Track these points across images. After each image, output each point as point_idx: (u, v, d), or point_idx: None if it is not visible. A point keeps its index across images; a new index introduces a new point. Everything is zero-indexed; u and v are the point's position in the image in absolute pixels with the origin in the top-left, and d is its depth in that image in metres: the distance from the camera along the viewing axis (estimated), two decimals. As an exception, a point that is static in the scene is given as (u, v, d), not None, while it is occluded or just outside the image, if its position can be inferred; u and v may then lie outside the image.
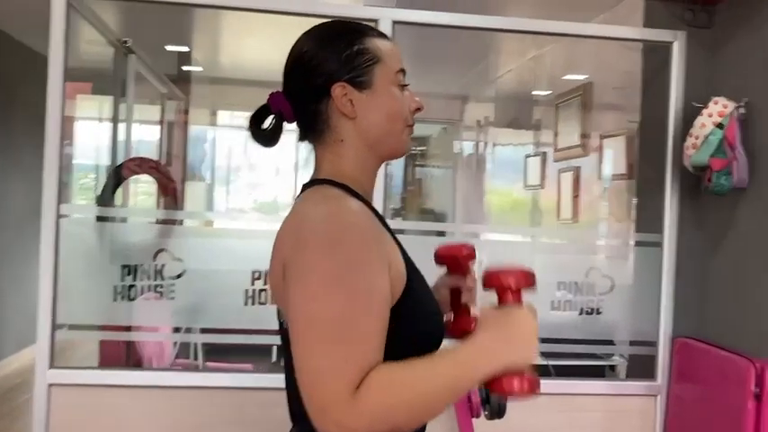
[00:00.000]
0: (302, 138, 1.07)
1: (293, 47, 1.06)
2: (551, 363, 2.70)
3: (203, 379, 2.37)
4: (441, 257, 1.16)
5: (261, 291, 2.32)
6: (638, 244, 2.63)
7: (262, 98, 1.07)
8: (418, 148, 7.73)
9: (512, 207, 5.08)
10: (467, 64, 4.90)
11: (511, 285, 0.89)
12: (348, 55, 1.00)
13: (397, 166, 7.76)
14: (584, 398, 2.47)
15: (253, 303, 2.32)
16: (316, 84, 1.01)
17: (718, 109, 2.24)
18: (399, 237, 1.03)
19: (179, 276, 2.31)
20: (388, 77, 1.03)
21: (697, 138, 2.26)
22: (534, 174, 4.36)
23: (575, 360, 2.79)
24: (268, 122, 1.05)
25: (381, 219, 1.01)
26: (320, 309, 0.83)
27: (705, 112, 2.26)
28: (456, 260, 1.15)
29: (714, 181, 2.22)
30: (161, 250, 2.33)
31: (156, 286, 2.29)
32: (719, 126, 2.22)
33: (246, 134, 1.05)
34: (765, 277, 2.18)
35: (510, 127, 5.09)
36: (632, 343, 2.67)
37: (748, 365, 2.11)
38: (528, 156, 4.46)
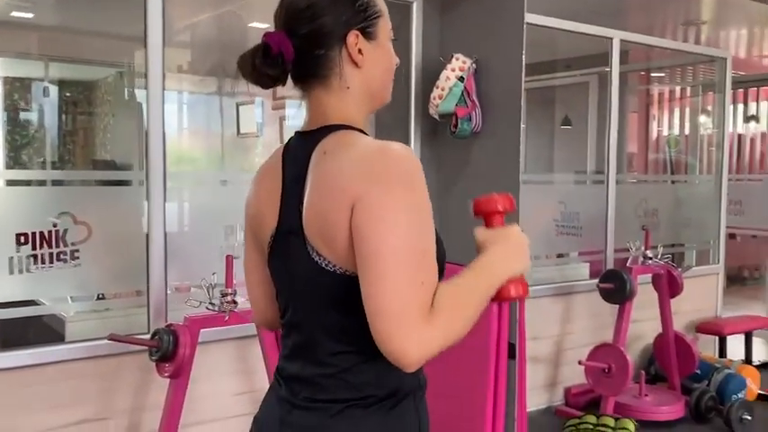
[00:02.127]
0: (296, 81, 1.07)
1: None
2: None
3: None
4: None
5: (30, 256, 2.05)
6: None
7: None
8: (78, 94, 7.00)
9: (218, 154, 5.03)
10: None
11: (499, 209, 1.05)
12: (361, 5, 1.04)
13: (51, 112, 6.91)
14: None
15: (20, 272, 2.04)
16: (331, 29, 1.02)
17: (459, 64, 2.62)
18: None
19: None
20: (386, 32, 1.09)
21: (443, 89, 2.62)
22: (248, 122, 4.41)
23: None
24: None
25: None
26: (406, 241, 0.92)
27: (448, 66, 2.62)
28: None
29: (459, 127, 2.61)
30: None
31: None
32: (461, 79, 2.61)
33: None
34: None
35: (211, 75, 4.99)
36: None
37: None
38: (240, 104, 4.46)
